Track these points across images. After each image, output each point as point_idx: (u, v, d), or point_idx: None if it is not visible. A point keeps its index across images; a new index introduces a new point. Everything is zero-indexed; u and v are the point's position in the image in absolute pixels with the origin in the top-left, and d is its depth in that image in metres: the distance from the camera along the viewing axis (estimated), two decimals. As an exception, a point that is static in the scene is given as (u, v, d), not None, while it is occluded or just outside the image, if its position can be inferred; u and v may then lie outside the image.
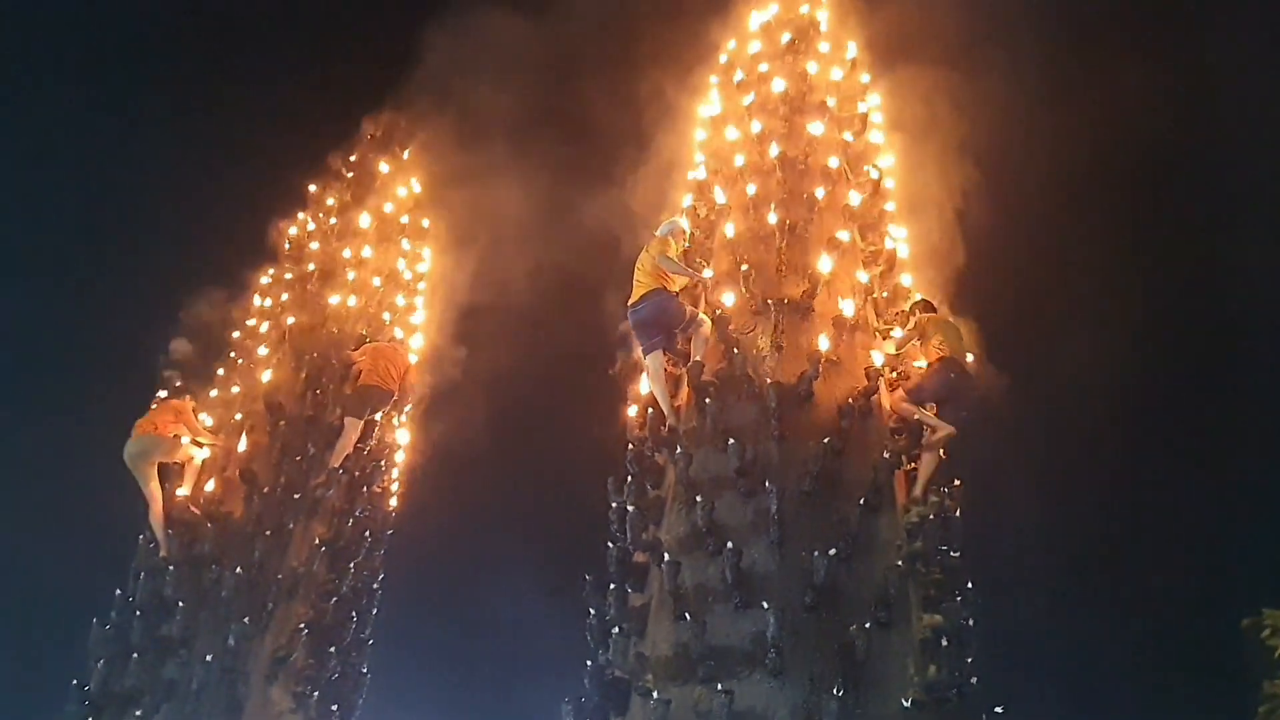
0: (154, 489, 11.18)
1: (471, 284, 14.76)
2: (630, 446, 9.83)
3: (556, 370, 14.71)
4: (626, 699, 8.35)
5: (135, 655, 10.57)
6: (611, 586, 8.94)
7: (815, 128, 11.31)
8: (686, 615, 8.10)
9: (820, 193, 10.71)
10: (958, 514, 9.11)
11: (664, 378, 9.72)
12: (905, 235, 11.29)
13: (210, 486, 11.70)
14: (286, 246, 14.26)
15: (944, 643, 8.16)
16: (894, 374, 9.89)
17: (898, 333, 10.18)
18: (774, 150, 11.06)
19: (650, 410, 9.74)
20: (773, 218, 10.45)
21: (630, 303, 9.80)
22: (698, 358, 9.62)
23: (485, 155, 15.27)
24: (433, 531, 14.41)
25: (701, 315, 9.83)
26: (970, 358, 9.84)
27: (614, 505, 9.66)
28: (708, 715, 7.58)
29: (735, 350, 9.59)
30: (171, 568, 10.92)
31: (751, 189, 10.85)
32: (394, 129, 15.66)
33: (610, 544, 9.27)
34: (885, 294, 10.51)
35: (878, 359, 9.78)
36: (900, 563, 8.39)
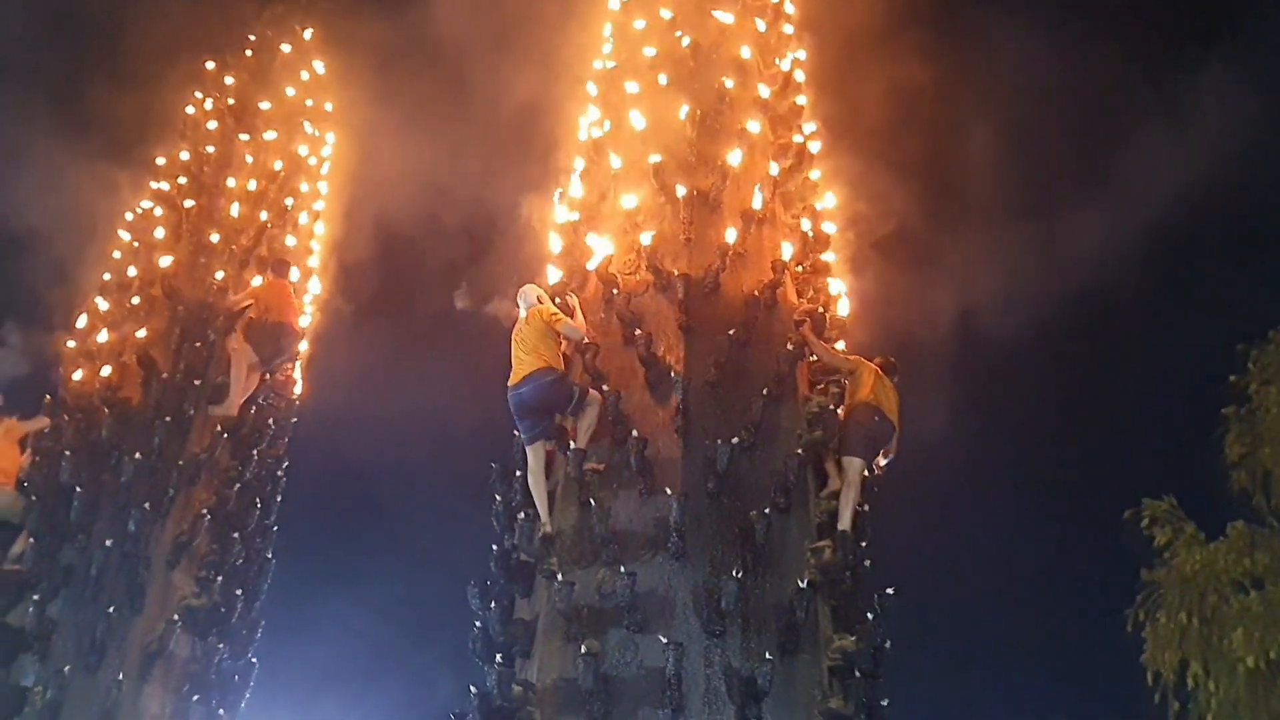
0: None
1: (376, 168, 14.48)
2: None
3: (457, 247, 14.37)
4: (531, 582, 8.50)
5: (31, 540, 10.46)
6: (517, 474, 9.00)
7: (726, 16, 11.18)
8: (591, 501, 8.23)
9: (730, 83, 10.65)
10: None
11: (544, 478, 8.66)
12: (815, 130, 11.31)
13: (106, 372, 11.45)
14: (182, 127, 13.78)
15: (839, 529, 8.50)
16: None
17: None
18: (685, 40, 10.92)
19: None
20: (683, 110, 10.38)
21: (511, 383, 8.72)
22: (581, 444, 8.60)
23: (389, 37, 14.85)
24: (338, 417, 14.32)
25: (592, 393, 8.76)
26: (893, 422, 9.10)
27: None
28: (611, 597, 7.77)
29: (643, 247, 9.52)
30: (67, 453, 10.72)
31: (663, 79, 10.72)
32: (295, 6, 15.12)
33: (515, 432, 9.34)
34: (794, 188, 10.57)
35: (785, 252, 9.87)
36: (800, 450, 8.61)
